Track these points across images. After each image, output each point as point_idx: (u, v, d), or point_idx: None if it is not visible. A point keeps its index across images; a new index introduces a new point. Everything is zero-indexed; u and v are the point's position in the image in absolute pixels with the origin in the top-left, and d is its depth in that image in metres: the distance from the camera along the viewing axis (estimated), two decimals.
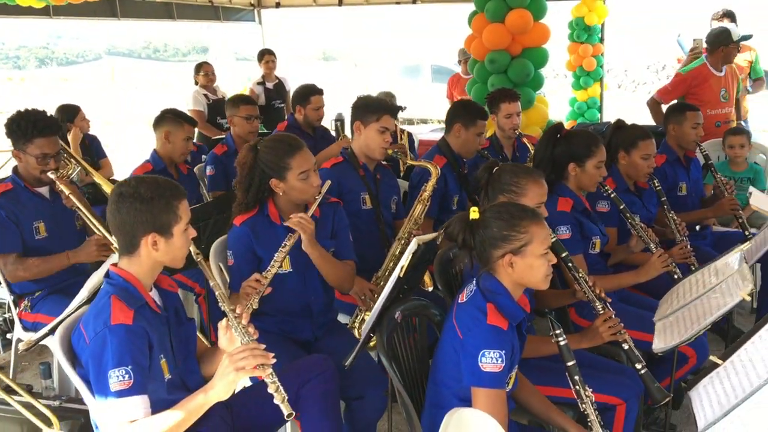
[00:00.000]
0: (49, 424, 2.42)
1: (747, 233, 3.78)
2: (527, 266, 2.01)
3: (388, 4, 10.63)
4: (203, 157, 4.81)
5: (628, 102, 14.93)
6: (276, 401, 1.87)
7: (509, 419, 2.10)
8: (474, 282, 2.08)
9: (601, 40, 9.38)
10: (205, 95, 6.51)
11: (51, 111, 3.68)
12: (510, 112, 4.19)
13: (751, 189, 2.99)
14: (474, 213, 2.06)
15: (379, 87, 14.99)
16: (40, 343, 2.87)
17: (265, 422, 2.24)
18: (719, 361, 2.06)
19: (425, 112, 12.95)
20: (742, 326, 3.85)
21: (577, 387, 2.03)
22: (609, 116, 10.33)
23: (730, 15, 5.62)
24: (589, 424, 2.03)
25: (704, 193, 4.26)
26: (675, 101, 5.01)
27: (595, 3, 8.89)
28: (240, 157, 2.65)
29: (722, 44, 4.99)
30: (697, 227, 4.17)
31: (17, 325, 3.06)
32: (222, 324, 2.00)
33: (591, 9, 8.87)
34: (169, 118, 3.74)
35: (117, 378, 1.78)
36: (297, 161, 2.58)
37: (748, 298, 2.19)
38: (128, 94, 22.43)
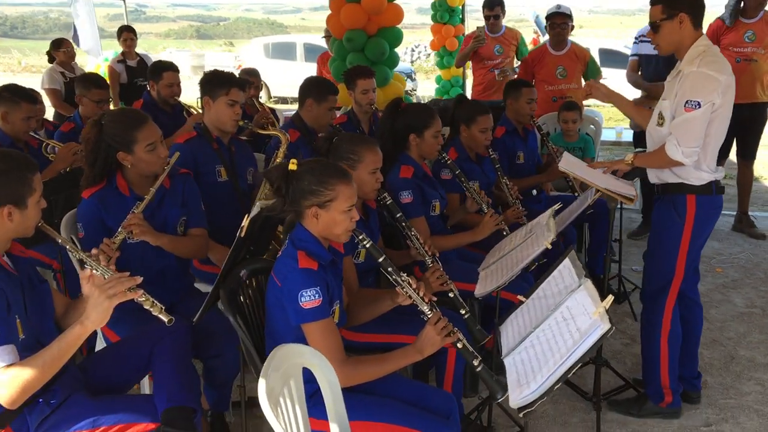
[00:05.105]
0: None
1: (576, 194, 4.24)
2: (331, 219, 2.19)
3: None
4: None
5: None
6: (154, 313, 2.03)
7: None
8: (288, 237, 2.27)
9: (462, 21, 9.81)
10: (62, 73, 6.30)
11: None
12: (365, 88, 4.35)
13: (565, 153, 3.36)
14: (293, 165, 2.21)
15: (249, 65, 14.79)
16: None
17: (118, 382, 2.36)
18: (524, 299, 2.41)
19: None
20: None
21: (394, 276, 2.24)
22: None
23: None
24: (414, 302, 2.22)
25: (541, 161, 4.69)
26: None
27: None
28: (84, 133, 2.68)
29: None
30: (534, 191, 4.61)
31: None
32: (84, 273, 2.03)
33: None
34: (5, 97, 3.63)
35: None
36: (143, 134, 2.65)
37: (549, 246, 2.54)
38: None
